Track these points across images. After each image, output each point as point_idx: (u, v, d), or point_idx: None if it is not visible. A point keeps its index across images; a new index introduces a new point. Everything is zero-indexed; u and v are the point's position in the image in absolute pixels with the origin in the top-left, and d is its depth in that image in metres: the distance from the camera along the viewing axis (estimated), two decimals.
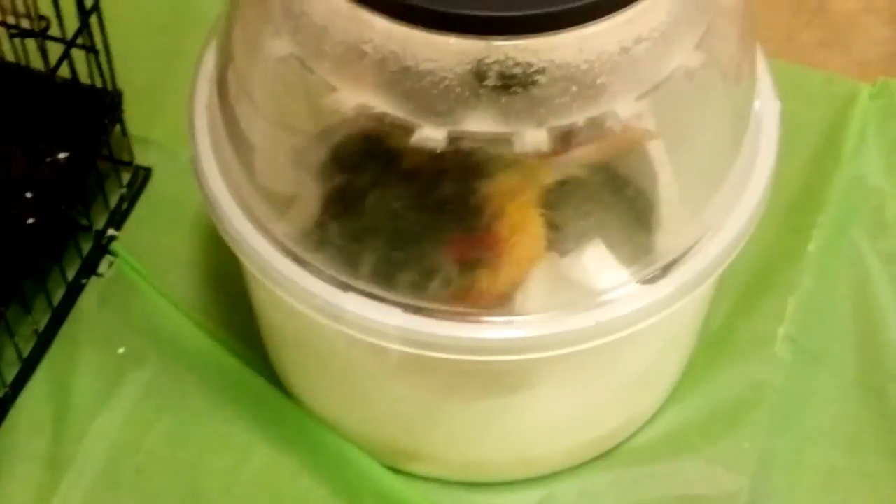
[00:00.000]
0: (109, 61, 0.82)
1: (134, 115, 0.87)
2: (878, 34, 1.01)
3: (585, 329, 0.64)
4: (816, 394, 0.81)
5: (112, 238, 0.86)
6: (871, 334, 0.83)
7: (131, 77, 0.86)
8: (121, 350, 0.82)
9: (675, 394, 0.80)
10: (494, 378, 0.70)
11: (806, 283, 0.84)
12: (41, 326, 0.82)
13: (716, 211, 0.67)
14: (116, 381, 0.81)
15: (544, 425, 0.74)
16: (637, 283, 0.65)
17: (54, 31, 0.78)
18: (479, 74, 0.56)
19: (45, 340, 0.82)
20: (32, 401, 0.80)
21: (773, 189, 0.70)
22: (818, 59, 0.99)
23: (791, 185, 0.88)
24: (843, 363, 0.82)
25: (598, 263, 0.64)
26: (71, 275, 0.84)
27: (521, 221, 0.62)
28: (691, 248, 0.66)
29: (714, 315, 0.82)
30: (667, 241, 0.65)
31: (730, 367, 0.81)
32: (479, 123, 0.58)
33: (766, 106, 0.70)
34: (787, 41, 1.00)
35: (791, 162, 0.87)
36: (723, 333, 0.83)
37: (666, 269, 0.65)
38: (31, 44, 0.80)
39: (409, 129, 0.58)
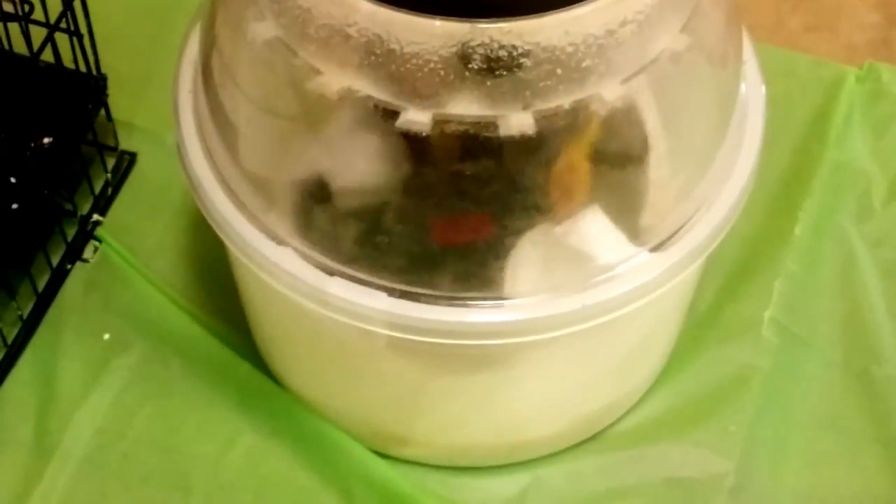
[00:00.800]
0: (93, 46, 0.82)
1: (119, 99, 0.87)
2: (865, 19, 1.01)
3: (572, 312, 0.64)
4: (802, 376, 0.81)
5: (97, 223, 0.86)
6: (857, 317, 0.83)
7: (116, 62, 0.86)
8: (106, 336, 0.82)
9: (662, 377, 0.80)
10: (481, 361, 0.70)
11: (792, 267, 0.84)
12: (26, 312, 0.82)
13: (703, 193, 0.67)
14: (102, 367, 0.81)
15: (531, 408, 0.75)
16: (624, 265, 0.65)
17: (38, 14, 0.78)
18: (463, 57, 0.56)
19: (29, 326, 0.82)
20: (18, 387, 0.80)
21: (760, 173, 0.70)
22: (806, 43, 0.99)
23: (778, 169, 0.88)
24: (828, 346, 0.82)
25: (585, 246, 0.64)
26: (56, 260, 0.84)
27: None
28: (678, 230, 0.66)
29: (701, 298, 0.82)
30: (654, 224, 0.65)
31: (716, 351, 0.82)
32: (465, 107, 0.58)
33: (753, 89, 0.70)
34: (775, 26, 1.01)
35: (778, 146, 0.88)
36: (710, 317, 0.83)
37: (653, 251, 0.65)
38: (14, 28, 0.80)
39: (393, 113, 0.58)
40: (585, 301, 0.64)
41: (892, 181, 0.89)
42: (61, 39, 0.79)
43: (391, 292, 0.64)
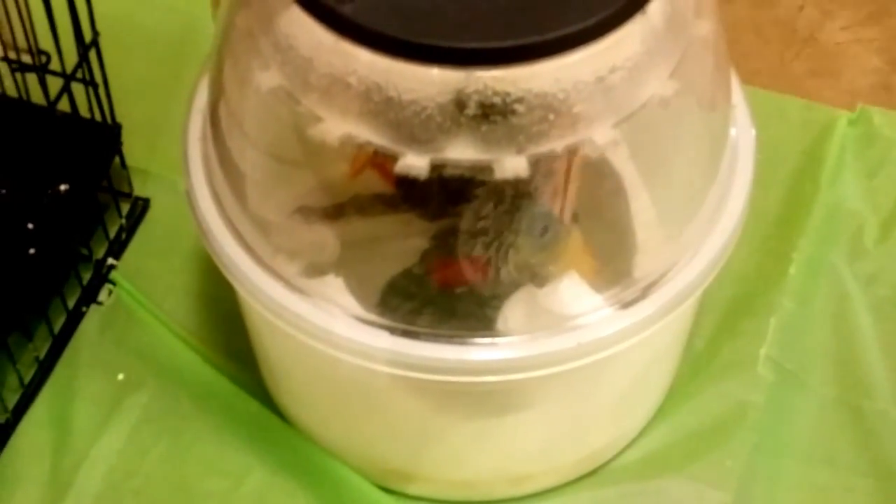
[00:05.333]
0: (108, 95, 0.84)
1: (133, 147, 0.89)
2: (867, 64, 1.03)
3: (568, 350, 0.66)
4: (797, 412, 0.82)
5: (111, 267, 0.88)
6: (850, 354, 0.85)
7: (130, 110, 0.88)
8: (120, 376, 0.84)
9: (660, 413, 0.82)
10: (482, 398, 0.71)
11: (787, 305, 0.86)
12: (42, 353, 0.84)
13: (693, 235, 0.69)
14: (115, 407, 0.83)
15: (531, 445, 0.76)
16: (617, 304, 0.66)
17: (54, 65, 0.80)
18: (459, 104, 0.58)
19: (45, 367, 0.84)
20: (33, 426, 0.82)
21: (754, 213, 0.71)
22: (808, 88, 1.01)
23: (772, 210, 0.90)
24: (822, 382, 0.84)
25: (578, 286, 0.65)
26: (71, 303, 0.86)
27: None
28: (670, 270, 0.68)
29: (698, 336, 0.84)
30: (646, 264, 0.67)
31: (713, 387, 0.83)
32: (461, 151, 0.60)
33: (743, 133, 0.72)
34: (778, 71, 1.02)
35: (772, 187, 0.90)
36: (706, 354, 0.84)
37: (645, 291, 0.67)
38: (31, 78, 0.82)
39: (392, 158, 0.60)
40: (581, 339, 0.66)
41: (883, 221, 0.90)
42: (77, 89, 0.81)
43: (393, 331, 0.66)
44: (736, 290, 0.87)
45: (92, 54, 0.81)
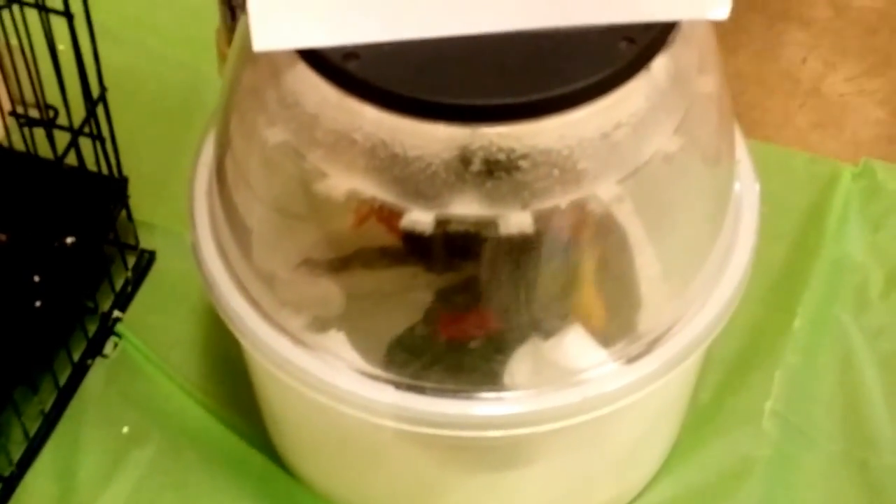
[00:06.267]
0: (115, 149, 0.84)
1: (139, 200, 0.90)
2: (871, 116, 1.04)
3: (573, 405, 0.66)
4: (802, 467, 0.82)
5: (117, 320, 0.89)
6: (855, 408, 0.84)
7: (137, 163, 0.89)
8: (125, 429, 0.84)
9: (665, 468, 0.82)
10: (487, 453, 0.71)
11: (792, 359, 0.86)
12: (47, 406, 0.84)
13: (698, 289, 0.69)
14: (120, 460, 0.83)
15: (536, 500, 0.76)
16: (623, 359, 0.66)
17: (62, 120, 0.81)
18: (464, 160, 0.59)
19: (50, 420, 0.84)
20: (38, 479, 0.82)
21: (758, 267, 0.72)
22: (812, 140, 1.02)
23: (776, 264, 0.90)
24: (828, 437, 0.83)
25: (583, 341, 0.66)
26: (77, 356, 0.86)
27: None
28: (675, 325, 0.68)
29: (703, 389, 0.84)
30: (650, 318, 0.67)
31: (718, 442, 0.83)
32: (466, 207, 0.60)
33: (747, 187, 0.72)
34: (782, 123, 1.03)
35: (776, 240, 0.90)
36: (711, 408, 0.84)
37: (650, 346, 0.67)
38: (39, 132, 0.82)
39: (398, 213, 0.61)
40: (586, 394, 0.66)
41: (888, 274, 0.91)
42: (84, 143, 0.82)
43: (398, 386, 0.66)
44: (741, 343, 0.87)
45: (99, 109, 0.81)
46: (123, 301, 0.90)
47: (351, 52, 0.59)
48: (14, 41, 0.77)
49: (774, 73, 1.06)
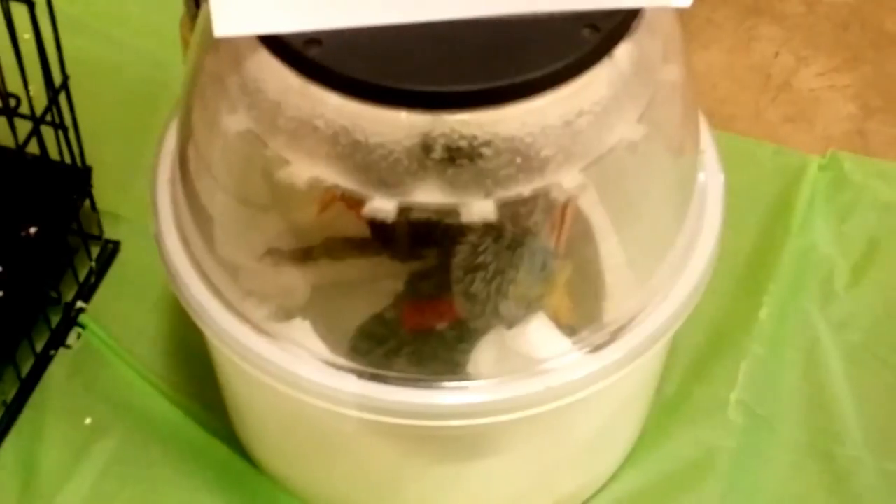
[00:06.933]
0: (78, 138, 0.84)
1: (103, 190, 0.89)
2: (842, 110, 1.04)
3: (537, 394, 0.65)
4: (768, 457, 0.82)
5: (80, 310, 0.88)
6: (820, 399, 0.85)
7: (100, 153, 0.88)
8: (88, 420, 0.83)
9: (630, 458, 0.82)
10: (451, 443, 0.71)
11: (757, 350, 0.86)
12: (9, 397, 0.83)
13: (663, 279, 0.69)
14: (83, 452, 0.82)
15: (501, 490, 0.76)
16: (587, 348, 0.66)
17: (24, 108, 0.80)
18: (426, 147, 0.58)
19: (13, 411, 0.83)
20: (0, 471, 0.81)
21: (725, 258, 0.72)
22: (784, 134, 1.02)
23: (743, 254, 0.91)
24: (793, 427, 0.84)
25: (546, 329, 0.65)
26: (40, 346, 0.86)
27: None
28: (639, 314, 0.68)
29: (668, 380, 0.84)
30: (615, 308, 0.67)
31: (684, 432, 0.83)
32: (428, 195, 0.60)
33: (711, 177, 0.72)
34: (753, 117, 1.03)
35: (742, 231, 0.90)
36: (677, 398, 0.84)
37: (615, 335, 0.67)
38: (0, 121, 0.82)
39: (360, 201, 0.60)
40: (549, 383, 0.65)
41: (854, 266, 0.91)
42: (47, 132, 0.81)
43: (361, 375, 0.65)
44: (706, 334, 0.87)
45: (62, 97, 0.81)
46: (87, 291, 0.89)
47: (313, 39, 0.58)
48: None
49: (746, 68, 1.07)
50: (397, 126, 0.58)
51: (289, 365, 0.66)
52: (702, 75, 1.04)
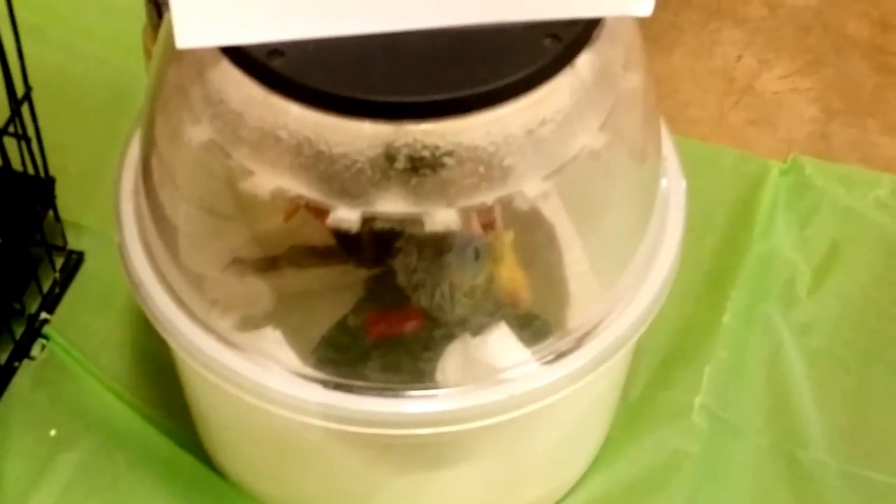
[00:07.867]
0: (41, 149, 0.84)
1: (67, 200, 0.89)
2: (805, 113, 1.05)
3: (501, 402, 0.66)
4: (732, 461, 0.83)
5: (45, 321, 0.88)
6: (783, 403, 0.85)
7: (64, 163, 0.88)
8: (52, 432, 0.83)
9: (596, 464, 0.82)
10: (416, 452, 0.71)
11: (721, 354, 0.87)
12: None
13: (626, 285, 0.69)
14: (48, 464, 0.82)
15: (467, 498, 0.76)
16: (551, 355, 0.67)
17: None
18: (389, 157, 0.58)
19: None
20: None
21: (688, 263, 0.72)
22: (747, 137, 1.02)
23: (705, 260, 0.91)
24: (757, 431, 0.84)
25: (509, 338, 0.66)
26: (3, 358, 0.85)
27: None
28: (603, 321, 0.68)
29: (632, 385, 0.84)
30: (579, 315, 0.68)
31: (649, 437, 0.83)
32: (391, 205, 0.60)
33: (674, 184, 0.73)
34: (717, 120, 1.04)
35: (705, 237, 0.91)
36: (642, 404, 0.85)
37: (579, 342, 0.67)
38: None
39: (324, 212, 0.60)
40: (513, 391, 0.66)
41: (816, 270, 0.91)
42: (9, 143, 0.81)
43: (326, 384, 0.66)
44: (670, 339, 0.87)
45: (24, 108, 0.80)
46: (51, 302, 0.89)
47: (275, 50, 0.58)
48: None
49: (709, 71, 1.07)
50: (360, 136, 0.58)
51: (254, 375, 0.66)
52: (665, 79, 1.05)
